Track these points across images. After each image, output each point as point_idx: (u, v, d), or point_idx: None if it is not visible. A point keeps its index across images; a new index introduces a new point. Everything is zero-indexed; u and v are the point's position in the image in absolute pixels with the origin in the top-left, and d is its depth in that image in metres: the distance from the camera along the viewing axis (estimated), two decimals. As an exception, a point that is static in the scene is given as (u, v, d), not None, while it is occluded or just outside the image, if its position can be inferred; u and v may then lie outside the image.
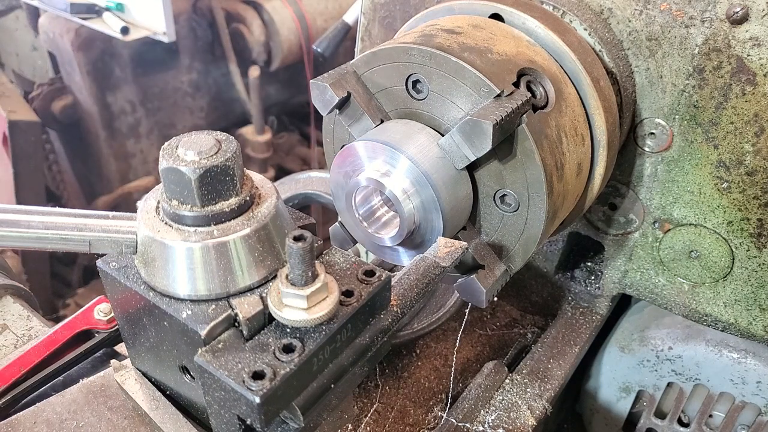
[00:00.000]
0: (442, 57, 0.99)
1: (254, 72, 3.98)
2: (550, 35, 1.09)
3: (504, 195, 1.03)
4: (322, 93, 1.06)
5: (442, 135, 1.02)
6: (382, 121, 1.09)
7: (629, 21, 1.15)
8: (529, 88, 1.02)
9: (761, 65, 1.07)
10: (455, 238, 1.08)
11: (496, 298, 1.65)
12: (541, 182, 0.98)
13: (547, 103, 1.03)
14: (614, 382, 1.55)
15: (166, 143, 0.79)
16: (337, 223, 1.18)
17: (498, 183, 1.03)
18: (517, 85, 1.00)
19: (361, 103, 1.08)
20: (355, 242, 1.17)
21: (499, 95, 0.95)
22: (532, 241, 1.05)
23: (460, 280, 1.08)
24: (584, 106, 1.10)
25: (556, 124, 1.02)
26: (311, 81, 1.07)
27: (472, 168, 1.03)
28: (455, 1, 1.17)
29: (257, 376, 0.69)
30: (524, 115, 0.96)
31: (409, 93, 1.06)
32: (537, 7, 1.14)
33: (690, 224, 1.26)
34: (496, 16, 1.14)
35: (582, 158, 1.09)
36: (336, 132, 1.18)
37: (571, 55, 1.08)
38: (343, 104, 1.09)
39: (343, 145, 1.08)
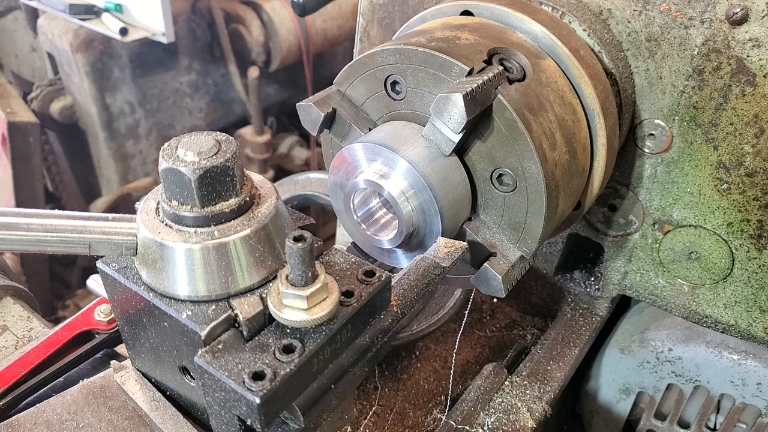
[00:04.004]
0: (409, 50, 1.00)
1: (253, 72, 3.98)
2: (519, 16, 1.10)
3: (500, 175, 1.03)
4: (308, 113, 1.10)
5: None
6: (370, 130, 1.10)
7: (628, 22, 1.16)
8: (502, 65, 1.02)
9: (761, 66, 1.07)
10: (460, 231, 1.08)
11: (495, 299, 1.65)
12: (531, 151, 0.97)
13: (524, 75, 1.03)
14: (614, 383, 1.55)
15: (165, 144, 0.79)
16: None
17: (491, 163, 1.02)
18: (489, 63, 1.01)
19: (347, 117, 1.10)
20: None
21: (470, 73, 0.96)
22: (538, 217, 1.03)
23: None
24: (568, 77, 1.09)
25: (538, 94, 1.02)
26: (297, 105, 1.12)
27: (463, 155, 1.03)
28: (448, 3, 1.18)
29: (257, 376, 0.69)
30: (499, 87, 0.97)
31: (389, 95, 1.07)
32: (523, 3, 1.15)
33: (690, 225, 1.26)
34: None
35: (575, 128, 1.08)
36: (333, 140, 1.19)
37: (544, 30, 1.09)
38: (331, 122, 1.12)
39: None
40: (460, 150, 1.02)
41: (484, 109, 0.96)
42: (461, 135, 0.97)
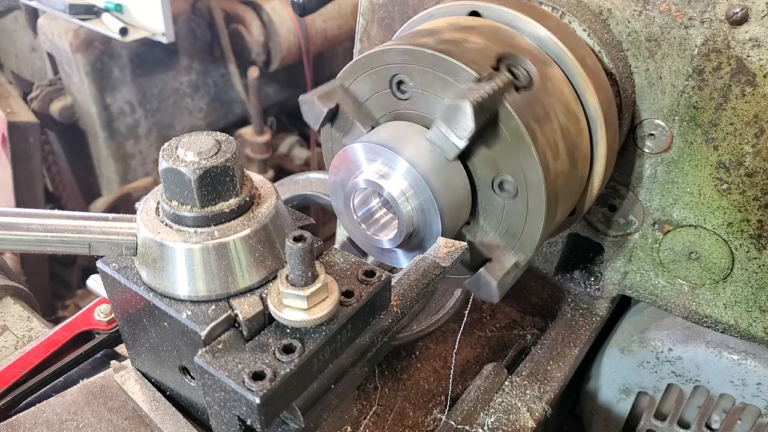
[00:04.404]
0: (418, 52, 1.00)
1: (253, 72, 3.98)
2: (527, 20, 1.09)
3: (502, 181, 1.02)
4: (311, 107, 1.09)
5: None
6: (372, 128, 1.09)
7: (628, 22, 1.15)
8: (510, 71, 1.02)
9: (761, 66, 1.07)
10: (459, 234, 1.08)
11: (495, 299, 1.65)
12: (535, 161, 0.96)
13: (531, 83, 1.02)
14: (614, 383, 1.55)
15: (165, 144, 0.79)
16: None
17: (493, 169, 1.02)
18: (497, 69, 1.01)
19: (350, 113, 1.10)
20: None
21: (479, 80, 0.96)
22: (536, 226, 1.03)
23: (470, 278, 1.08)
24: (573, 86, 1.09)
25: (544, 102, 1.01)
26: (300, 98, 1.10)
27: (466, 160, 1.03)
28: (450, 3, 1.18)
29: (257, 376, 0.69)
30: (506, 95, 0.96)
31: (394, 95, 1.07)
32: (532, 7, 1.15)
33: (690, 225, 1.26)
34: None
35: (578, 138, 1.07)
36: (334, 135, 1.19)
37: (552, 38, 1.08)
38: (333, 117, 1.11)
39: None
40: (462, 153, 1.02)
41: (490, 116, 0.96)
42: (467, 142, 0.97)
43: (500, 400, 1.28)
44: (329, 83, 1.12)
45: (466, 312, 1.43)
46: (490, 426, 1.23)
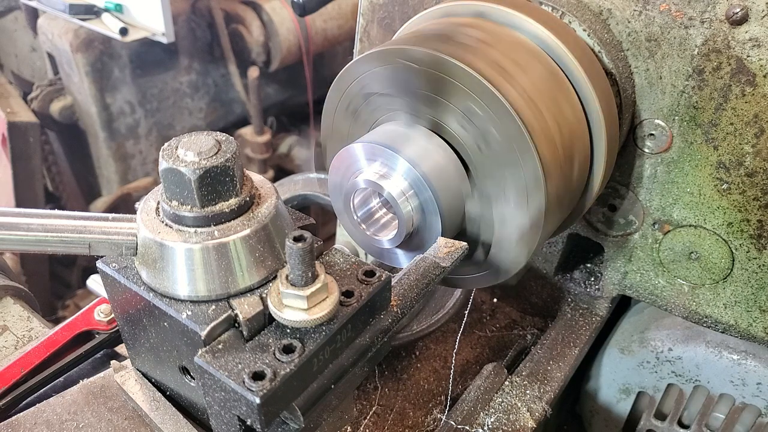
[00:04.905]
0: (381, 53, 1.03)
1: (253, 73, 3.98)
2: (529, 21, 1.10)
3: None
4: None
5: (433, 131, 1.03)
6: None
7: (628, 22, 1.15)
8: None
9: (761, 66, 1.07)
10: (460, 231, 1.08)
11: (495, 299, 1.65)
12: (534, 159, 0.96)
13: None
14: (614, 383, 1.55)
15: (165, 144, 0.79)
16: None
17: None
18: None
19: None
20: None
21: None
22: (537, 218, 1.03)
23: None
24: (573, 86, 1.09)
25: (543, 99, 1.02)
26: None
27: (464, 155, 1.03)
28: (450, 3, 1.18)
29: (257, 376, 0.69)
30: (506, 95, 0.97)
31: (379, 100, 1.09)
32: (532, 7, 1.15)
33: (690, 225, 1.26)
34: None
35: (578, 138, 1.07)
36: (334, 134, 1.19)
37: (552, 38, 1.08)
38: None
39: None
40: (461, 149, 1.02)
41: (491, 114, 0.96)
42: None
43: (500, 400, 1.28)
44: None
45: (466, 312, 1.43)
46: (490, 426, 1.23)
